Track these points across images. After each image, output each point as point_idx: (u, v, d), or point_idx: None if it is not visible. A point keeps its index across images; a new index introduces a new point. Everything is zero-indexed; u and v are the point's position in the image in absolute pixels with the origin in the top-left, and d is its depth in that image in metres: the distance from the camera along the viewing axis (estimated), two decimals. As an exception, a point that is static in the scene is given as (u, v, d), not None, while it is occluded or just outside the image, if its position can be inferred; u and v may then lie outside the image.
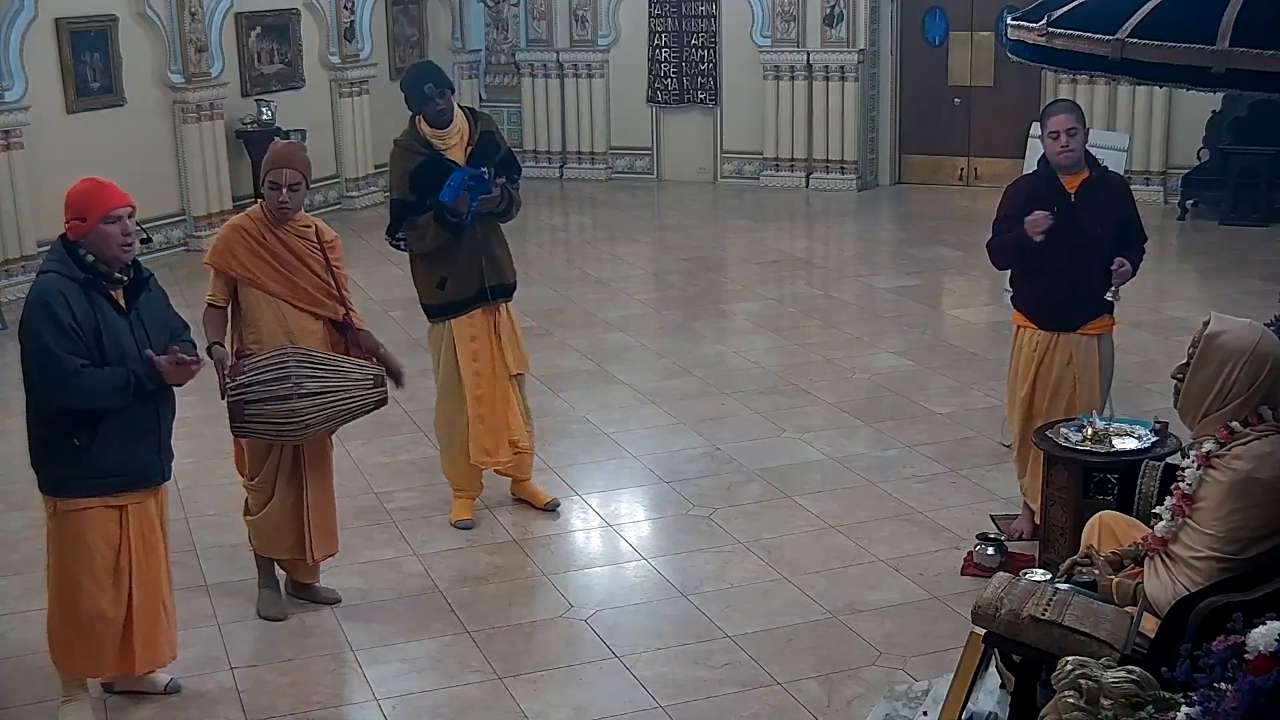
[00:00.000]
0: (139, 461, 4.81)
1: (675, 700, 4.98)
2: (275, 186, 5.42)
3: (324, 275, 5.56)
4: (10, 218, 10.98)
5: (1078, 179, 5.93)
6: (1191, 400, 4.12)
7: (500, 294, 6.46)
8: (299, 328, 5.52)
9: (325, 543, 5.74)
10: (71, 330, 4.58)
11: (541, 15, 16.03)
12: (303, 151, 5.63)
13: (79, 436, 4.66)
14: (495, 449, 6.51)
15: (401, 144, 6.34)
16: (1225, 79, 3.62)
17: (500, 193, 6.22)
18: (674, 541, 6.38)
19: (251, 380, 5.25)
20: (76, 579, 4.80)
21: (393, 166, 6.37)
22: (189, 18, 12.56)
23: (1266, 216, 12.70)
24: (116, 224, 4.68)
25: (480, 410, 6.44)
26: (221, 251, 5.50)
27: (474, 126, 6.34)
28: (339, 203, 14.59)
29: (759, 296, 10.84)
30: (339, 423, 5.50)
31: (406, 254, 6.46)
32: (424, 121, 6.27)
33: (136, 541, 4.84)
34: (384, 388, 5.51)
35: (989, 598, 4.11)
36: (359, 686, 5.20)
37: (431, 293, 6.39)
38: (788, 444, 7.53)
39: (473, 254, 6.29)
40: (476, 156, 6.23)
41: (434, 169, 6.16)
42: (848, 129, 14.80)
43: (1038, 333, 6.05)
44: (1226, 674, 3.04)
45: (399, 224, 6.29)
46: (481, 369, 6.43)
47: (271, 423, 5.31)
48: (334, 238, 5.66)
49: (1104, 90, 13.47)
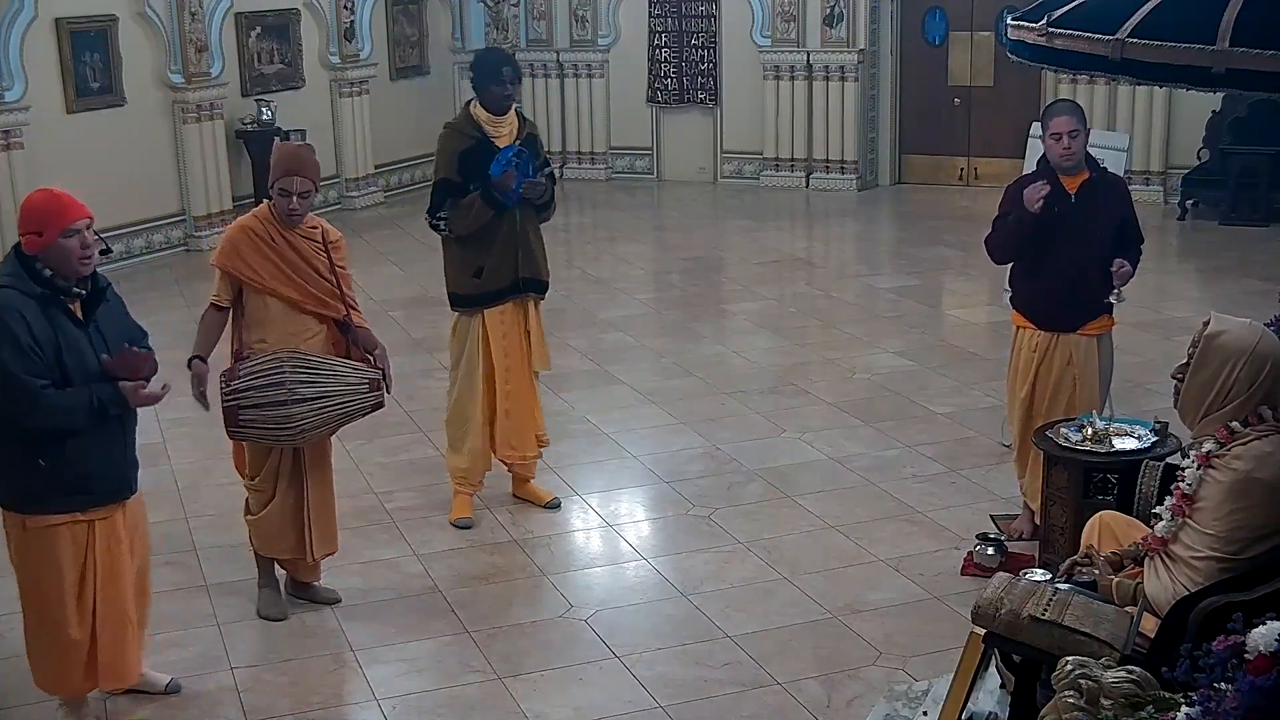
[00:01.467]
0: (102, 476, 4.70)
1: (675, 700, 4.98)
2: (286, 194, 5.41)
3: (329, 276, 5.55)
4: (10, 218, 10.98)
5: (1078, 180, 5.92)
6: (1191, 400, 4.12)
7: (532, 288, 6.49)
8: (302, 328, 5.51)
9: (325, 542, 5.74)
10: (30, 349, 4.45)
11: (541, 15, 16.02)
12: (313, 155, 5.58)
13: (44, 455, 4.56)
14: (521, 443, 6.60)
15: (453, 126, 6.42)
16: (1225, 79, 3.62)
17: (546, 182, 6.31)
18: (674, 541, 6.38)
19: (246, 385, 5.24)
20: (46, 598, 4.72)
21: (441, 147, 6.41)
22: (189, 18, 12.56)
23: (1266, 216, 12.70)
24: (75, 237, 4.54)
25: (508, 405, 6.49)
26: (229, 253, 5.48)
27: (522, 126, 6.42)
28: (339, 203, 14.59)
29: (759, 296, 10.84)
30: (335, 426, 5.51)
31: (441, 238, 6.46)
32: (481, 106, 6.31)
33: (102, 557, 4.74)
34: (380, 391, 5.51)
35: (989, 598, 4.11)
36: (359, 686, 5.20)
37: (466, 281, 6.39)
38: (788, 444, 7.53)
39: (510, 244, 6.33)
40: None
41: (483, 153, 6.22)
42: (848, 129, 14.80)
43: (1038, 333, 6.05)
44: (1226, 674, 3.04)
45: (441, 205, 6.32)
46: (511, 364, 6.48)
47: (267, 427, 5.31)
48: (339, 238, 5.65)
49: (1104, 90, 13.46)
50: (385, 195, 15.10)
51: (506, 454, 6.60)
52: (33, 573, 4.73)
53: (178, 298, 10.63)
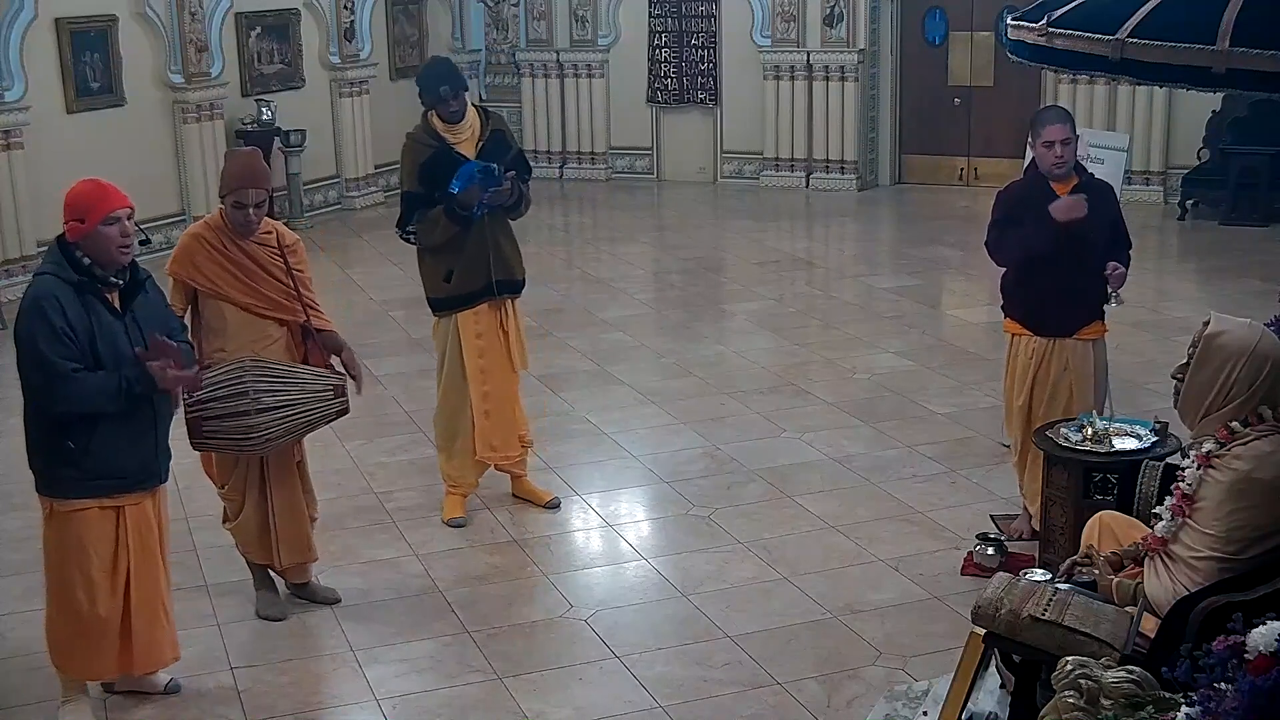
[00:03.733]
0: (136, 463, 4.80)
1: (675, 700, 4.98)
2: (241, 206, 5.35)
3: (285, 280, 5.49)
4: (10, 218, 10.98)
5: (1068, 186, 5.94)
6: (1191, 400, 4.12)
7: (507, 290, 6.47)
8: (261, 335, 5.45)
9: (295, 551, 5.68)
10: (64, 334, 4.56)
11: (541, 15, 16.02)
12: (263, 163, 5.53)
13: (75, 439, 4.65)
14: (503, 444, 6.57)
15: (413, 136, 6.41)
16: (1225, 79, 3.62)
17: (511, 186, 6.25)
18: (674, 541, 6.38)
19: (209, 395, 5.16)
20: (74, 581, 4.79)
21: (404, 159, 6.41)
22: (189, 18, 12.56)
23: (1266, 216, 12.70)
24: (115, 225, 4.66)
25: (486, 406, 6.47)
26: (183, 261, 5.44)
27: (485, 124, 6.38)
28: (339, 203, 14.59)
29: (759, 296, 10.84)
30: (300, 434, 5.47)
31: (415, 249, 6.47)
32: (436, 116, 6.30)
33: (134, 543, 4.83)
34: (345, 397, 5.47)
35: (989, 598, 4.11)
36: (359, 686, 5.20)
37: (438, 285, 6.41)
38: (788, 444, 7.53)
39: (480, 247, 6.32)
40: (486, 154, 6.27)
41: (444, 162, 6.21)
42: (848, 129, 14.80)
43: (1034, 340, 6.05)
44: (1226, 674, 3.04)
45: (410, 217, 6.33)
46: (487, 365, 6.46)
47: (230, 438, 5.25)
48: (295, 241, 5.60)
49: (1104, 90, 13.46)
50: (385, 195, 15.08)
51: (487, 455, 6.54)
52: (62, 557, 4.80)
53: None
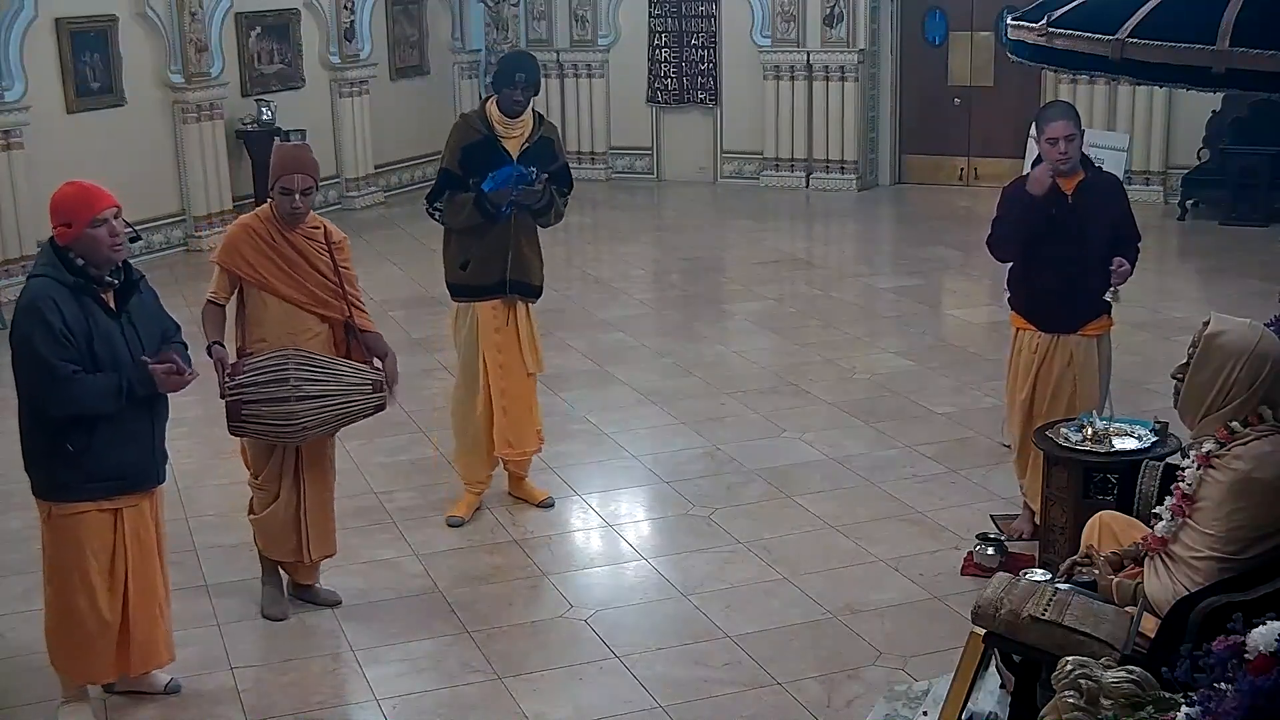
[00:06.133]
0: (134, 464, 4.79)
1: (675, 700, 4.98)
2: (288, 192, 5.40)
3: (331, 277, 5.55)
4: (10, 218, 10.98)
5: (1074, 181, 5.93)
6: (1191, 400, 4.12)
7: (519, 291, 6.49)
8: (301, 328, 5.50)
9: (322, 544, 5.73)
10: (63, 336, 4.55)
11: (541, 15, 16.03)
12: (312, 154, 5.58)
13: (73, 441, 4.64)
14: (519, 440, 6.60)
15: (466, 118, 6.51)
16: (1225, 79, 3.61)
17: (543, 189, 6.27)
18: (674, 541, 6.38)
19: (250, 381, 5.25)
20: (73, 583, 4.78)
21: (450, 136, 6.45)
22: (189, 18, 12.56)
23: (1266, 216, 12.70)
24: (104, 226, 4.63)
25: (504, 402, 6.51)
26: (230, 251, 5.50)
27: (536, 128, 6.41)
28: (339, 203, 14.59)
29: (759, 296, 10.84)
30: (337, 426, 5.50)
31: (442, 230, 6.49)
32: (496, 105, 6.34)
33: (132, 545, 4.83)
34: (384, 393, 5.50)
35: (989, 598, 4.11)
36: (359, 686, 5.20)
37: (455, 271, 6.47)
38: (788, 444, 7.53)
39: (500, 242, 6.35)
40: (529, 156, 6.29)
41: (487, 151, 6.26)
42: (848, 129, 14.80)
43: (1038, 335, 6.05)
44: (1226, 674, 3.03)
45: (439, 194, 6.36)
46: (506, 362, 6.50)
47: (269, 424, 5.30)
48: (342, 239, 5.65)
49: (1104, 90, 13.46)
50: (385, 195, 15.10)
51: (505, 450, 6.59)
52: (60, 560, 4.79)
53: (178, 298, 10.60)
